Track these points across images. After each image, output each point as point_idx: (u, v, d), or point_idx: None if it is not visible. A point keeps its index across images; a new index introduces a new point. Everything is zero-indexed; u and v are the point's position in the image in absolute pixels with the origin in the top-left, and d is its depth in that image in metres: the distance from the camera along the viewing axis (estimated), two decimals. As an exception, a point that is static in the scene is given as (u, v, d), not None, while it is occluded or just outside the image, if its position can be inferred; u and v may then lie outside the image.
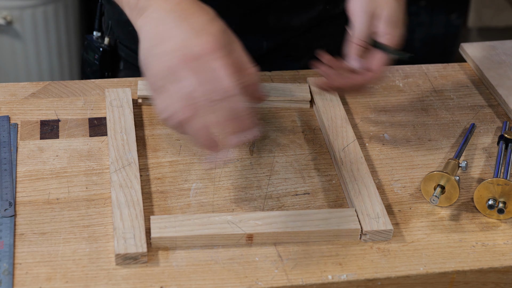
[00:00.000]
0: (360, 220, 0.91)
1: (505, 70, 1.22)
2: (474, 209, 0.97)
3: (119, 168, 0.96)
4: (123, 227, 0.88)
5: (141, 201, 0.92)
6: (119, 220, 0.89)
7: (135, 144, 1.01)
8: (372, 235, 0.91)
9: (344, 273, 0.87)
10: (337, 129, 1.06)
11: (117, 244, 0.86)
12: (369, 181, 0.97)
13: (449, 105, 1.16)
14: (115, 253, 0.85)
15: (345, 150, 1.02)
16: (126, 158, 0.98)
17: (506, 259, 0.90)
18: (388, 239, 0.91)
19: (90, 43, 1.32)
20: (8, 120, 1.06)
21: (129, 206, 0.91)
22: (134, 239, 0.87)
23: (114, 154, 0.99)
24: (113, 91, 1.10)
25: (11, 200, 0.93)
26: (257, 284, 0.85)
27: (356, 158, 1.00)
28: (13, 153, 1.00)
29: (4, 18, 2.18)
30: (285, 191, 0.98)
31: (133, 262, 0.86)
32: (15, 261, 0.86)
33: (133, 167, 0.97)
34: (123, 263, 0.86)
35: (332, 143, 1.03)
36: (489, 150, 1.07)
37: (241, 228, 0.89)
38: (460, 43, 1.29)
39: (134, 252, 0.85)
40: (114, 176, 0.95)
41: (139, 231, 0.88)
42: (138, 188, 0.94)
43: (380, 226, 0.91)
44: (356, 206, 0.93)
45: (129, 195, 0.93)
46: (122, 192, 0.93)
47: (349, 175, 0.98)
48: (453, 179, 0.95)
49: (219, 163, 1.00)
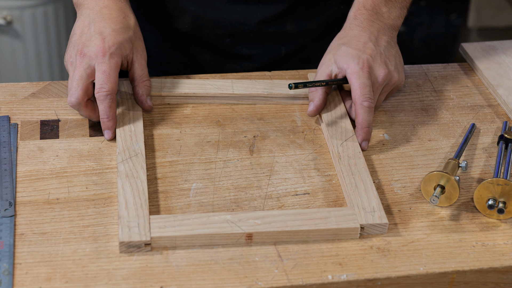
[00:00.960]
0: (356, 214, 0.91)
1: (505, 70, 1.22)
2: (474, 209, 0.97)
3: (126, 158, 0.97)
4: (128, 215, 0.89)
5: (146, 191, 0.93)
6: (124, 209, 0.90)
7: (143, 135, 1.02)
8: (368, 228, 0.91)
9: (344, 273, 0.87)
10: (336, 123, 1.06)
11: (121, 232, 0.87)
12: (366, 175, 0.97)
13: (449, 105, 1.16)
14: (119, 241, 0.86)
15: (343, 145, 1.02)
16: (133, 149, 0.99)
17: (506, 259, 0.90)
18: (383, 233, 0.92)
19: None
20: (8, 120, 1.06)
21: (134, 196, 0.92)
22: (138, 228, 0.88)
23: (121, 144, 1.00)
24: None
25: (11, 200, 0.93)
26: (257, 284, 0.85)
27: (354, 153, 1.01)
28: (13, 153, 1.00)
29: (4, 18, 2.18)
30: (285, 191, 0.98)
31: (137, 250, 0.87)
32: (15, 261, 0.86)
33: (139, 157, 0.98)
34: (127, 251, 0.87)
35: (330, 138, 1.04)
36: (489, 150, 1.07)
37: (240, 227, 0.89)
38: (460, 43, 1.29)
39: (138, 240, 0.86)
40: (121, 166, 0.96)
41: (143, 220, 0.88)
42: (144, 178, 0.95)
43: (376, 219, 0.91)
44: (353, 200, 0.94)
45: (135, 184, 0.94)
46: (128, 182, 0.94)
47: (346, 169, 0.98)
48: (453, 179, 0.95)
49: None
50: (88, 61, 1.02)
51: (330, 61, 1.08)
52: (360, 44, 1.07)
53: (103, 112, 1.02)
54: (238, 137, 1.06)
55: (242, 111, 1.11)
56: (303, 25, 1.25)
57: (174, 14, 1.23)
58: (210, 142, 1.05)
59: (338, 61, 1.06)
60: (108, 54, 1.02)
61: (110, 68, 1.01)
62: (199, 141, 1.05)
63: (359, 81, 1.03)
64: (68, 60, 1.05)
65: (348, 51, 1.06)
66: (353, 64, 1.04)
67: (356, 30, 1.09)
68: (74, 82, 1.02)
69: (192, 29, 1.24)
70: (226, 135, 1.06)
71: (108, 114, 1.02)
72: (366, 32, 1.08)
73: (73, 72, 1.03)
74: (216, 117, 1.10)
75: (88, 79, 1.02)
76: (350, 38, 1.08)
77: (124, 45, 1.04)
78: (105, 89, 1.01)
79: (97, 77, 1.01)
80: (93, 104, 1.04)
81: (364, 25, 1.09)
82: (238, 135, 1.07)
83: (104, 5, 1.06)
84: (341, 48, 1.07)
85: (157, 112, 1.10)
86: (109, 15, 1.06)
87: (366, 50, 1.06)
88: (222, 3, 1.20)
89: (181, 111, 1.11)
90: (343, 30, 1.11)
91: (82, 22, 1.06)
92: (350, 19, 1.12)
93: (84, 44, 1.03)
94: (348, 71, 1.05)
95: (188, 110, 1.11)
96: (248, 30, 1.22)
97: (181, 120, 1.09)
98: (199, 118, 1.09)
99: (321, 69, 1.09)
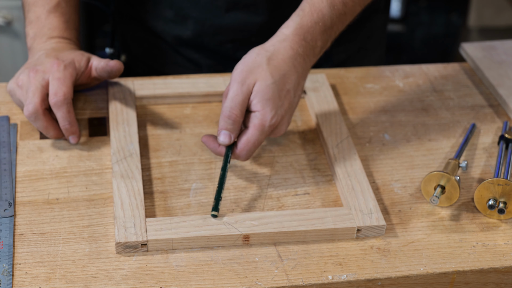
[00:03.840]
0: (353, 216, 0.91)
1: (505, 70, 1.22)
2: (474, 209, 0.97)
3: (121, 158, 0.97)
4: (123, 216, 0.89)
5: (142, 191, 0.93)
6: (120, 210, 0.90)
7: (137, 135, 1.02)
8: (366, 230, 0.91)
9: (344, 273, 0.87)
10: (331, 125, 1.06)
11: (117, 233, 0.87)
12: (362, 177, 0.97)
13: (449, 105, 1.16)
14: (115, 241, 0.86)
15: (338, 147, 1.02)
16: (128, 149, 0.99)
17: (507, 259, 0.90)
18: (381, 235, 0.91)
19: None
20: (8, 120, 1.06)
21: (130, 196, 0.92)
22: (134, 228, 0.88)
23: (116, 145, 0.99)
24: (116, 84, 1.10)
25: (10, 200, 0.93)
26: (257, 284, 0.85)
27: (350, 155, 1.01)
28: (12, 153, 1.00)
29: (4, 18, 2.18)
30: (285, 191, 0.98)
31: (133, 250, 0.87)
32: (15, 261, 0.86)
33: (134, 158, 0.98)
34: (123, 251, 0.87)
35: (326, 140, 1.03)
36: (489, 150, 1.07)
37: (237, 228, 0.89)
38: (460, 43, 1.29)
39: (134, 240, 0.86)
40: (116, 167, 0.96)
41: (139, 220, 0.88)
42: (139, 178, 0.94)
43: (373, 221, 0.91)
44: (350, 202, 0.93)
45: (130, 185, 0.93)
46: (123, 182, 0.94)
47: (342, 171, 0.98)
48: (453, 179, 0.95)
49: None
50: (42, 75, 1.00)
51: (249, 79, 0.95)
52: (283, 89, 0.95)
53: (62, 118, 1.00)
54: (238, 137, 1.06)
55: (242, 111, 1.11)
56: None
57: (176, 20, 1.23)
58: (210, 142, 1.05)
59: (256, 96, 0.94)
60: (63, 65, 1.01)
61: (64, 76, 1.00)
62: (199, 141, 1.05)
63: (257, 134, 0.94)
64: (16, 83, 1.03)
65: (269, 92, 0.94)
66: (267, 115, 0.94)
67: (286, 58, 0.96)
68: (30, 93, 0.99)
69: (193, 35, 1.24)
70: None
71: (69, 120, 1.00)
72: (293, 72, 0.96)
73: (26, 88, 1.01)
74: (216, 117, 1.10)
75: (43, 90, 1.00)
76: (277, 66, 0.95)
77: (77, 58, 1.04)
78: (60, 94, 0.99)
79: (52, 85, 1.00)
80: (51, 116, 1.01)
81: (297, 61, 0.97)
82: (238, 135, 1.06)
83: (55, 45, 1.08)
84: (266, 74, 0.94)
85: (157, 112, 1.10)
86: (61, 48, 1.07)
87: (285, 102, 0.95)
88: (223, 9, 1.20)
89: (181, 111, 1.11)
90: (273, 43, 0.97)
91: (33, 56, 1.06)
92: (285, 37, 0.97)
93: (36, 64, 1.03)
94: (258, 116, 0.94)
95: (188, 110, 1.11)
96: (249, 35, 1.22)
97: (181, 120, 1.09)
98: (199, 118, 1.09)
99: (236, 85, 0.95)
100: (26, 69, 1.03)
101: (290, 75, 0.96)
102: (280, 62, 0.96)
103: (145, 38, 1.26)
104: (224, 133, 0.95)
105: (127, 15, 1.30)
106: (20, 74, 1.03)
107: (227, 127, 0.94)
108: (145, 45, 1.29)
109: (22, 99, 1.01)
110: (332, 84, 1.17)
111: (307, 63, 0.98)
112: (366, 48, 1.34)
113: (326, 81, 1.15)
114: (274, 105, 0.94)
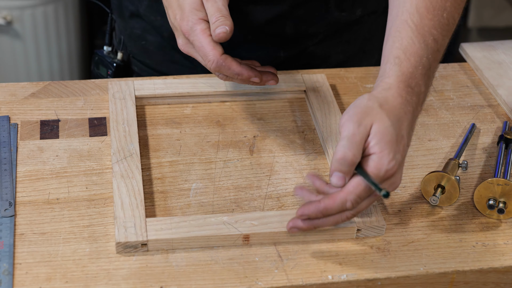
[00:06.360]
0: None
1: (505, 70, 1.22)
2: (474, 209, 0.97)
3: (121, 158, 0.97)
4: (124, 216, 0.89)
5: (142, 191, 0.93)
6: (120, 210, 0.90)
7: (137, 135, 1.02)
8: (365, 230, 0.91)
9: (344, 273, 0.87)
10: (331, 125, 1.06)
11: (117, 233, 0.87)
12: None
13: (449, 105, 1.16)
14: (115, 241, 0.86)
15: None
16: (128, 149, 0.99)
17: (506, 259, 0.90)
18: (381, 234, 0.91)
19: (102, 58, 1.32)
20: (8, 120, 1.06)
21: (130, 196, 0.92)
22: (134, 228, 0.88)
23: (116, 145, 1.00)
24: (116, 84, 1.10)
25: (11, 200, 0.93)
26: (257, 284, 0.85)
27: None
28: (13, 153, 1.00)
29: (4, 18, 2.18)
30: (285, 191, 0.98)
31: (134, 250, 0.87)
32: (15, 261, 0.86)
33: (134, 158, 0.98)
34: (124, 251, 0.87)
35: (326, 140, 1.03)
36: (489, 150, 1.07)
37: (237, 228, 0.89)
38: (460, 43, 1.29)
39: (134, 240, 0.86)
40: (116, 167, 0.96)
41: (139, 220, 0.88)
42: (139, 178, 0.95)
43: (373, 221, 0.91)
44: None
45: (130, 185, 0.93)
46: (123, 182, 0.94)
47: None
48: (453, 179, 0.95)
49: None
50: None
51: (365, 120, 0.87)
52: (399, 134, 0.87)
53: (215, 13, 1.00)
54: (238, 137, 1.06)
55: (242, 111, 1.11)
56: (303, 29, 1.24)
57: None
58: (210, 142, 1.05)
59: (374, 137, 0.86)
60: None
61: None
62: (199, 141, 1.05)
63: (365, 183, 0.86)
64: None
65: (388, 134, 0.86)
66: (385, 157, 0.85)
67: (397, 104, 0.89)
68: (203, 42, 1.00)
69: None
70: (226, 135, 1.06)
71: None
72: (406, 119, 0.89)
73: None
74: (216, 117, 1.10)
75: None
76: (391, 110, 0.88)
77: None
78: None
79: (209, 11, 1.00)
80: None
81: (407, 108, 0.89)
82: (238, 135, 1.07)
83: None
84: (383, 116, 0.87)
85: (157, 112, 1.10)
86: None
87: (401, 148, 0.87)
88: None
89: (181, 111, 1.11)
90: (380, 92, 0.90)
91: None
92: (390, 86, 0.91)
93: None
94: (374, 160, 0.86)
95: (188, 110, 1.11)
96: (247, 33, 1.22)
97: (181, 120, 1.09)
98: (199, 118, 1.09)
99: (353, 125, 0.87)
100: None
101: (403, 121, 0.88)
102: (391, 107, 0.88)
103: (142, 36, 1.26)
104: (337, 175, 0.85)
105: (126, 10, 1.30)
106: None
107: (341, 169, 0.85)
108: (142, 42, 1.29)
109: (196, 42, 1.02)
110: (332, 84, 1.17)
111: (415, 113, 0.91)
112: (365, 50, 1.34)
113: (326, 81, 1.15)
114: (392, 149, 0.85)
